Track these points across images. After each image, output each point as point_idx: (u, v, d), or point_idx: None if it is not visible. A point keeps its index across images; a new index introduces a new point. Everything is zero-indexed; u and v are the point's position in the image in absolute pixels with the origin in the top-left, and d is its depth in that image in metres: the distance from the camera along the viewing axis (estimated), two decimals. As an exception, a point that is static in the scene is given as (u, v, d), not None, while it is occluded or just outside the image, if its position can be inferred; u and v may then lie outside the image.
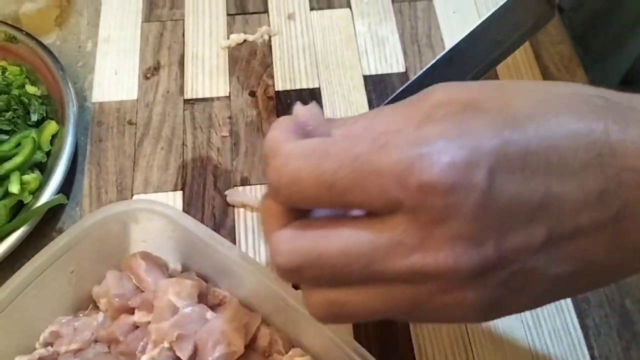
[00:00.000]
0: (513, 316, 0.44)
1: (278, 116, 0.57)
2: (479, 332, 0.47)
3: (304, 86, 0.59)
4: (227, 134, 0.56)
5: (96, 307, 0.47)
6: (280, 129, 0.29)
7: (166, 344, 0.42)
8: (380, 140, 0.26)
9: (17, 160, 0.51)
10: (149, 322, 0.43)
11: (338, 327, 0.39)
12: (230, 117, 0.57)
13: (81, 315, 0.46)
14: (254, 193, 0.53)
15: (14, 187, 0.50)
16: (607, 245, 0.30)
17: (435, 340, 0.47)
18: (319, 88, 0.59)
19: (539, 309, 0.48)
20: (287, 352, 0.43)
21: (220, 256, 0.43)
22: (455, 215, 0.26)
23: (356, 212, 0.29)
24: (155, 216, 0.44)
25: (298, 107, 0.31)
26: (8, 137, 0.53)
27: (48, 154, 0.54)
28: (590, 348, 0.47)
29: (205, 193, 0.53)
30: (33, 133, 0.53)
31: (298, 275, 0.29)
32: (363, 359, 0.39)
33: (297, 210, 0.29)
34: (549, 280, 0.30)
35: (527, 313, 0.48)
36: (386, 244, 0.27)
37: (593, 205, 0.29)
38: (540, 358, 0.46)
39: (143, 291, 0.45)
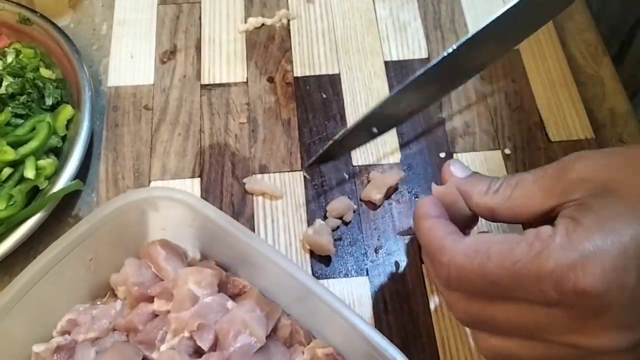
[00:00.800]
0: None
1: (297, 103, 0.56)
2: (503, 325, 0.46)
3: (324, 72, 0.58)
4: (245, 121, 0.55)
5: (114, 295, 0.46)
6: (430, 218, 0.36)
7: (186, 334, 0.41)
8: (536, 247, 0.30)
9: (33, 145, 0.50)
10: (168, 311, 0.42)
11: (359, 317, 0.38)
12: (248, 104, 0.56)
13: (99, 303, 0.45)
14: (273, 181, 0.52)
15: (30, 173, 0.49)
16: None
17: (458, 334, 0.46)
18: (338, 74, 0.58)
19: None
20: (308, 343, 0.43)
21: (241, 245, 0.42)
22: (609, 311, 0.29)
23: None
24: (175, 204, 0.43)
25: (434, 187, 0.39)
26: (23, 121, 0.52)
27: (63, 138, 0.53)
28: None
29: (223, 180, 0.52)
30: (48, 117, 0.52)
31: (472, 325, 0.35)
32: (385, 350, 0.38)
33: None
34: None
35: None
36: (547, 322, 0.31)
37: None
38: None
39: (162, 280, 0.44)
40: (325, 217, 0.50)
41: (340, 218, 0.50)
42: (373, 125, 0.49)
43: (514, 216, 0.34)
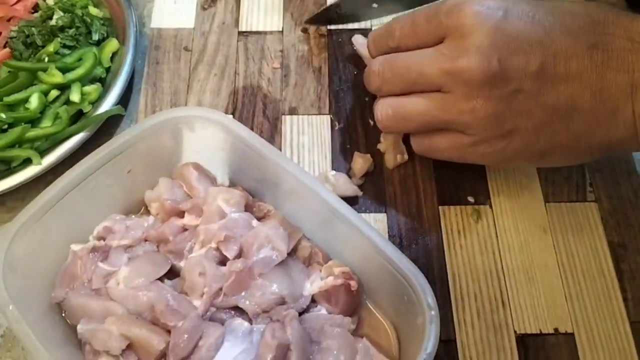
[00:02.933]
0: (548, 254, 0.46)
1: (329, 54, 0.59)
2: (513, 267, 0.48)
3: (356, 26, 0.60)
4: (278, 66, 0.58)
5: (147, 212, 0.49)
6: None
7: (213, 244, 0.44)
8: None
9: (79, 71, 0.54)
10: (197, 226, 0.45)
11: (379, 234, 0.41)
12: (282, 51, 0.59)
13: (133, 217, 0.48)
14: (301, 122, 0.55)
15: (75, 96, 0.52)
16: (591, 94, 0.41)
17: (469, 271, 0.48)
18: (370, 28, 0.60)
19: (574, 248, 0.49)
20: (325, 264, 0.45)
21: (270, 165, 0.44)
22: (476, 31, 0.42)
23: None
24: (210, 124, 0.46)
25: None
26: (70, 52, 0.56)
27: (108, 70, 0.56)
28: (623, 291, 0.47)
29: (254, 119, 0.55)
30: (94, 49, 0.56)
31: (381, 77, 0.47)
32: (401, 263, 0.40)
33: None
34: (543, 112, 0.42)
35: (563, 251, 0.49)
36: (433, 54, 0.44)
37: (582, 54, 0.41)
38: (573, 295, 0.47)
39: (193, 198, 0.47)
40: (350, 169, 0.52)
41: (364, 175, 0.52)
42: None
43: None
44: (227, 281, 0.42)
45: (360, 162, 0.51)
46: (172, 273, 0.45)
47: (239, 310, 0.43)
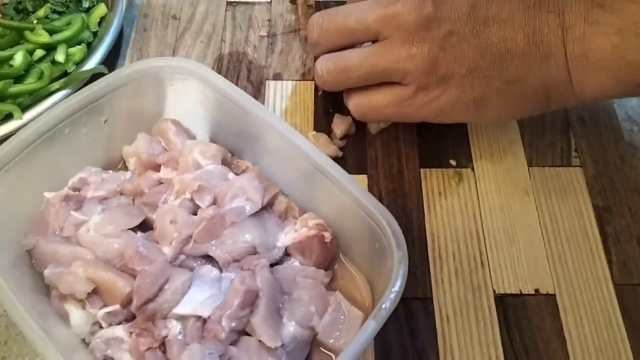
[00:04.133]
0: (530, 216, 0.45)
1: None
2: (494, 228, 0.47)
3: (344, -2, 0.60)
4: (265, 34, 0.58)
5: (125, 168, 0.48)
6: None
7: (187, 195, 0.43)
8: None
9: (66, 34, 0.54)
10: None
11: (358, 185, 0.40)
12: (269, 20, 0.59)
13: (110, 172, 0.48)
14: (285, 88, 0.55)
15: (60, 57, 0.53)
16: (524, 36, 0.42)
17: (449, 231, 0.47)
18: (358, 0, 0.60)
19: (557, 211, 0.48)
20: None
21: (251, 118, 0.44)
22: None
23: None
24: (189, 76, 0.46)
25: None
26: (59, 17, 0.56)
27: (95, 35, 0.56)
28: (607, 253, 0.46)
29: (238, 83, 0.55)
30: (83, 15, 0.56)
31: (319, 28, 0.47)
32: (373, 215, 0.39)
33: None
34: (476, 55, 0.43)
35: (546, 213, 0.48)
36: (370, 4, 0.45)
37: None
38: (555, 257, 0.46)
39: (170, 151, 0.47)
40: (331, 130, 0.52)
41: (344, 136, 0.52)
42: None
43: None
44: (198, 227, 0.41)
45: (340, 123, 0.51)
46: (147, 227, 0.44)
47: (210, 261, 0.42)
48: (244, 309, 0.38)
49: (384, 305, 0.35)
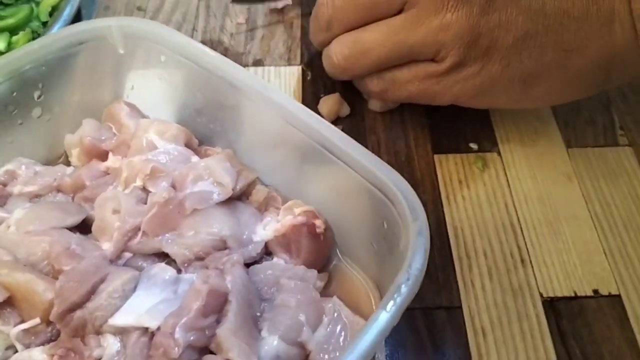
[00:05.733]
0: (576, 204, 0.37)
1: (302, 9, 0.51)
2: (532, 219, 0.37)
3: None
4: (243, 22, 0.50)
5: (68, 164, 0.39)
6: None
7: (139, 182, 0.34)
8: None
9: (9, 21, 0.47)
10: (122, 166, 0.35)
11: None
12: (248, 8, 0.51)
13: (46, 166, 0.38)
14: (267, 74, 0.46)
15: (1, 45, 0.45)
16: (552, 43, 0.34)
17: (475, 225, 0.37)
18: (349, -16, 0.53)
19: (609, 197, 0.38)
20: (285, 207, 0.34)
21: (221, 81, 0.35)
22: None
23: None
24: (143, 38, 0.37)
25: None
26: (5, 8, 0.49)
27: (45, 25, 0.49)
28: (678, 244, 0.36)
29: (212, 72, 0.46)
30: (32, 4, 0.49)
31: (332, 5, 0.38)
32: (383, 187, 0.30)
33: None
34: (526, 20, 0.34)
35: (595, 200, 0.38)
36: None
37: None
38: (614, 250, 0.36)
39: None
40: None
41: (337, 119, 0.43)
42: None
43: None
44: (147, 215, 0.31)
45: (328, 103, 0.42)
46: (89, 228, 0.34)
47: (166, 260, 0.32)
48: (207, 317, 0.28)
49: (403, 287, 0.24)
